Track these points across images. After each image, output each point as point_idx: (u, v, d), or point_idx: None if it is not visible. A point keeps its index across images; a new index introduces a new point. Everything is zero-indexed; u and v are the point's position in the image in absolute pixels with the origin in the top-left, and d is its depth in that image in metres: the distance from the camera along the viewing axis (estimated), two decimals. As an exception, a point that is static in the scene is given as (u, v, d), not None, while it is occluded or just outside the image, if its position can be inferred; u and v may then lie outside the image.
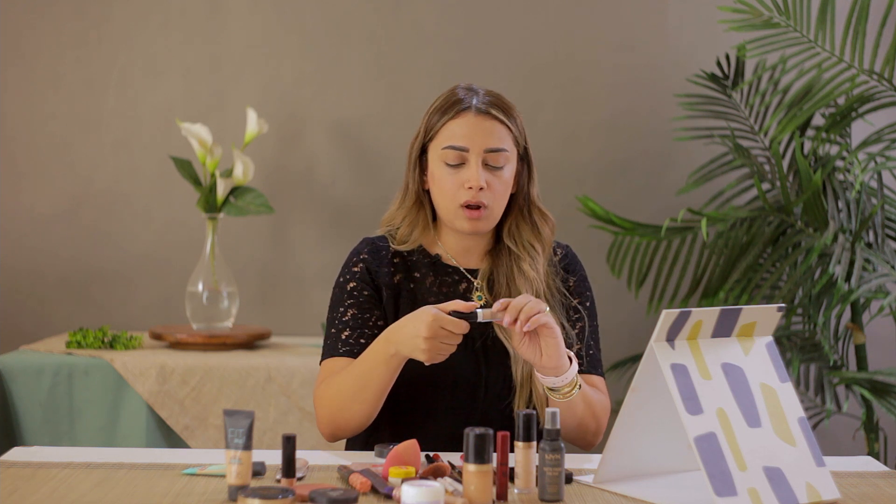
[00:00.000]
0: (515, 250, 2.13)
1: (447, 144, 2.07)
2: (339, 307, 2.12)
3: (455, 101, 2.10)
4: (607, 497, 1.75)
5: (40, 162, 3.73)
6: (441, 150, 2.08)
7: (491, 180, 2.07)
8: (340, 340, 2.09)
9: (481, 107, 2.08)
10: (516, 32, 3.77)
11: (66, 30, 3.71)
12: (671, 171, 3.78)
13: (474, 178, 2.05)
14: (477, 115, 2.08)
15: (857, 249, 3.21)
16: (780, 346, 3.34)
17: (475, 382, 2.09)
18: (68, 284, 3.72)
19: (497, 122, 2.09)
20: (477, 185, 2.05)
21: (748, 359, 1.78)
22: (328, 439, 2.09)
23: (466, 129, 2.07)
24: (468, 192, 2.06)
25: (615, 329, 3.69)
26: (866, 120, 3.39)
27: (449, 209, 2.09)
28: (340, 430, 2.05)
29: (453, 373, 2.07)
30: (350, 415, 2.02)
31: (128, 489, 1.72)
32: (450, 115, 2.09)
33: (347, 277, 2.13)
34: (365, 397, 2.00)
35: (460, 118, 2.08)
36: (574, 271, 2.20)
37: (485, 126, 2.07)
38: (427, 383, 2.07)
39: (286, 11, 3.75)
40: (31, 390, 3.07)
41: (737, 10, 3.38)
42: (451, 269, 2.16)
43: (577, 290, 2.18)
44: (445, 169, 2.08)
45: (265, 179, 3.71)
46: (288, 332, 3.69)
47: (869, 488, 1.84)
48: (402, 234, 2.16)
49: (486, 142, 2.07)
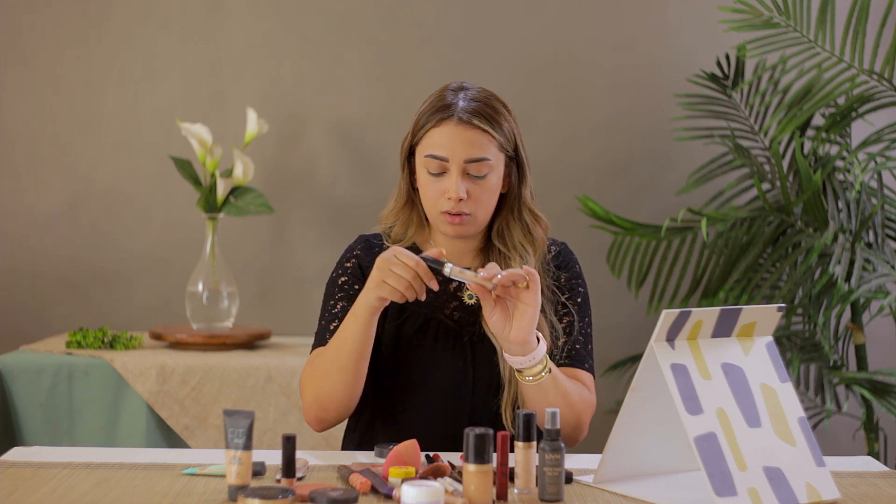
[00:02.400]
0: (504, 251, 2.13)
1: (428, 153, 2.07)
2: (330, 300, 2.14)
3: (441, 106, 2.07)
4: (607, 497, 1.75)
5: (40, 162, 3.73)
6: (423, 158, 2.08)
7: (472, 189, 2.05)
8: (328, 331, 2.10)
9: (463, 116, 2.05)
10: (516, 32, 3.77)
11: (66, 30, 3.71)
12: (671, 171, 3.78)
13: (453, 189, 2.04)
14: (458, 125, 2.05)
15: (857, 249, 3.21)
16: (780, 346, 3.34)
17: (462, 380, 2.09)
18: (68, 284, 3.72)
19: (479, 131, 2.05)
20: (456, 197, 2.04)
21: (748, 359, 1.78)
22: (315, 425, 2.06)
23: (446, 138, 2.05)
24: (448, 203, 2.06)
25: (615, 329, 3.70)
26: (866, 120, 3.39)
27: (432, 214, 2.10)
28: (324, 410, 2.03)
29: (441, 371, 2.08)
30: (331, 386, 2.01)
31: (128, 489, 1.72)
32: (432, 122, 2.06)
33: (339, 272, 2.16)
34: (342, 361, 1.99)
35: (442, 126, 2.06)
36: (566, 267, 2.18)
37: (465, 136, 2.05)
38: (415, 382, 2.09)
39: (286, 11, 3.75)
40: (31, 390, 3.07)
41: (737, 10, 3.38)
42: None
43: (568, 286, 2.16)
44: (428, 176, 2.08)
45: (265, 179, 3.71)
46: (288, 332, 3.69)
47: (869, 488, 1.84)
48: (396, 233, 2.17)
49: (466, 152, 2.05)
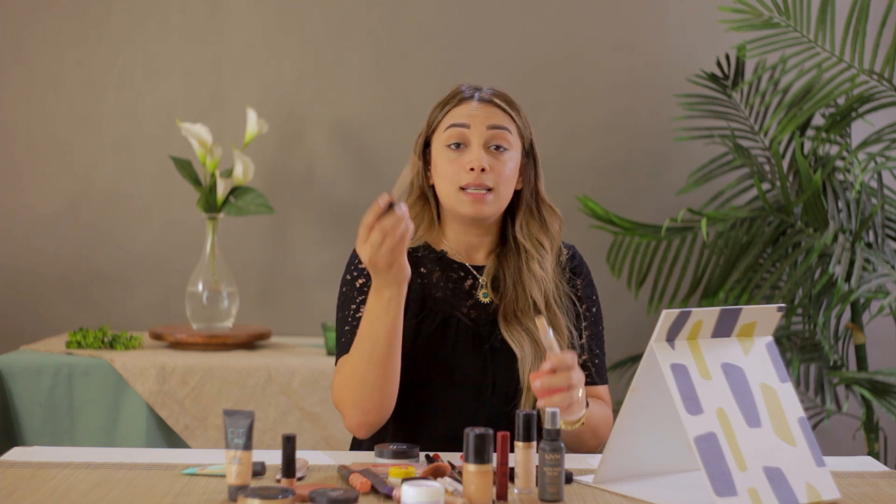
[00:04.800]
0: (527, 247, 2.11)
1: (449, 124, 2.07)
2: (351, 304, 2.07)
3: (456, 92, 2.12)
4: (607, 497, 1.75)
5: (40, 162, 3.73)
6: (443, 133, 2.08)
7: (494, 163, 2.05)
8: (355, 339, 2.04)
9: (485, 96, 2.10)
10: (516, 32, 3.78)
11: (66, 30, 3.72)
12: (671, 171, 3.78)
13: (476, 159, 2.03)
14: (480, 102, 2.09)
15: (857, 249, 3.21)
16: (780, 346, 3.34)
17: (482, 384, 2.07)
18: (68, 284, 3.72)
19: (500, 110, 2.09)
20: (479, 166, 2.03)
21: (748, 359, 1.78)
22: (360, 431, 2.01)
23: (469, 110, 2.08)
24: (469, 175, 2.04)
25: (615, 329, 3.68)
26: (866, 120, 3.39)
27: (450, 193, 2.07)
28: (366, 413, 1.98)
29: (460, 374, 2.06)
30: (370, 386, 1.96)
31: (128, 489, 1.72)
32: (452, 102, 2.10)
33: (355, 274, 2.09)
34: (376, 358, 1.94)
35: (463, 105, 2.09)
36: (582, 274, 2.18)
37: (488, 110, 2.08)
38: (434, 384, 2.06)
39: (286, 11, 3.75)
40: (31, 390, 3.07)
41: (737, 10, 3.38)
42: (456, 265, 2.14)
43: (586, 294, 2.17)
44: (447, 153, 2.07)
45: (265, 179, 3.71)
46: (288, 332, 3.69)
47: (869, 488, 1.84)
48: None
49: (488, 120, 2.07)
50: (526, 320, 2.07)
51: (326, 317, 3.48)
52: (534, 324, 2.07)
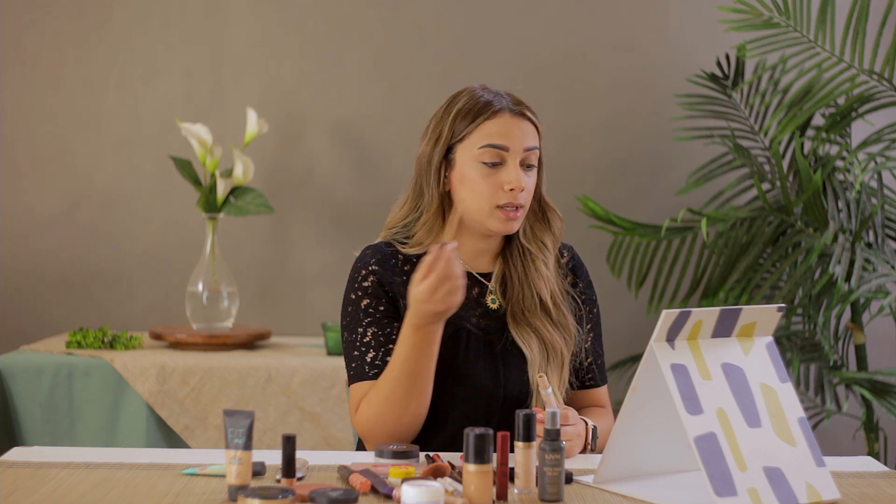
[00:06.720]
0: (532, 249, 2.12)
1: (486, 143, 2.05)
2: (358, 328, 2.06)
3: (485, 102, 2.08)
4: (607, 497, 1.75)
5: (40, 162, 3.73)
6: (478, 150, 2.05)
7: (526, 181, 2.07)
8: (367, 363, 2.04)
9: (514, 108, 2.09)
10: (516, 32, 3.77)
11: (66, 30, 3.72)
12: (671, 171, 3.78)
13: (516, 180, 2.04)
14: (513, 116, 2.08)
15: (857, 249, 3.21)
16: (780, 346, 3.34)
17: (494, 387, 2.07)
18: (68, 284, 3.72)
19: (529, 123, 2.10)
20: (519, 188, 2.04)
21: (748, 359, 1.78)
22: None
23: (505, 128, 2.07)
24: (508, 195, 2.04)
25: (615, 329, 3.69)
26: (866, 120, 3.39)
27: (483, 210, 2.06)
28: (401, 438, 2.02)
29: (473, 377, 2.06)
30: (412, 415, 1.98)
31: (128, 489, 1.72)
32: (485, 114, 2.07)
33: (360, 294, 2.07)
34: (421, 388, 1.97)
35: (497, 118, 2.07)
36: (581, 274, 2.20)
37: (521, 126, 2.08)
38: (446, 394, 2.05)
39: (286, 11, 3.75)
40: (31, 390, 3.07)
41: (737, 10, 3.38)
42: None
43: (587, 296, 2.18)
44: (481, 169, 2.05)
45: (265, 179, 3.71)
46: (288, 332, 3.69)
47: (869, 488, 1.84)
48: (419, 238, 2.11)
49: (524, 140, 2.07)
50: (533, 319, 2.09)
51: (326, 317, 3.48)
52: (540, 322, 2.08)
